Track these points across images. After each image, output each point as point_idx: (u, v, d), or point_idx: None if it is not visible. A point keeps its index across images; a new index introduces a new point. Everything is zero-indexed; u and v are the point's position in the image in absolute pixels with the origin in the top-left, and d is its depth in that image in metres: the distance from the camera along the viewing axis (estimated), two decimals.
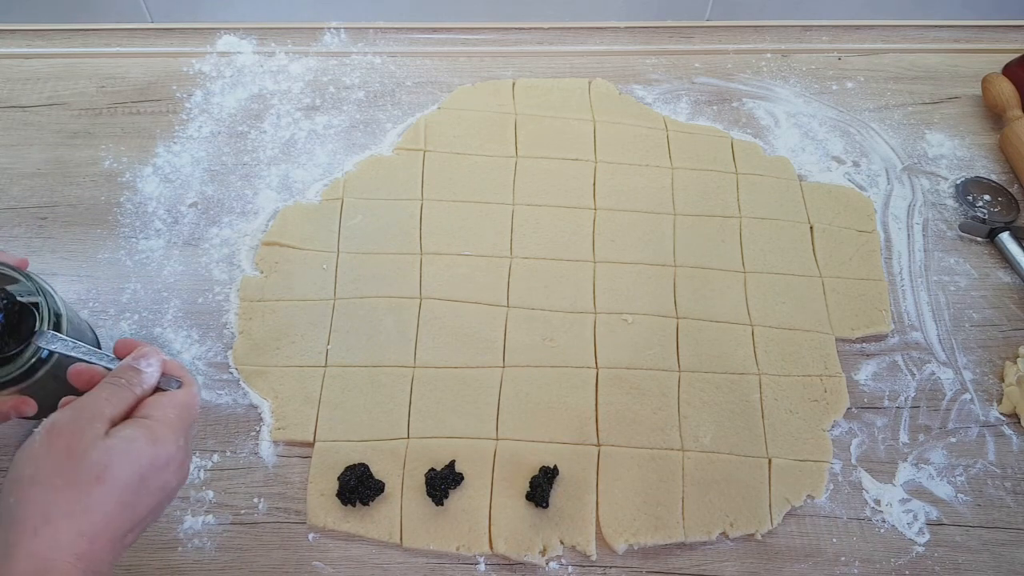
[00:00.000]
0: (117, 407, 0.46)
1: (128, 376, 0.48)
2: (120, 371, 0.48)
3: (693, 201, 0.81)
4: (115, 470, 0.43)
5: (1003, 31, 1.01)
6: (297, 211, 0.79)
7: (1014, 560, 0.63)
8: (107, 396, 0.46)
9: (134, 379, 0.48)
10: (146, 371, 0.48)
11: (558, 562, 0.61)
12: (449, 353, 0.70)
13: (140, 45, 0.93)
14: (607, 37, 0.98)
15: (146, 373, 0.48)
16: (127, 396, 0.47)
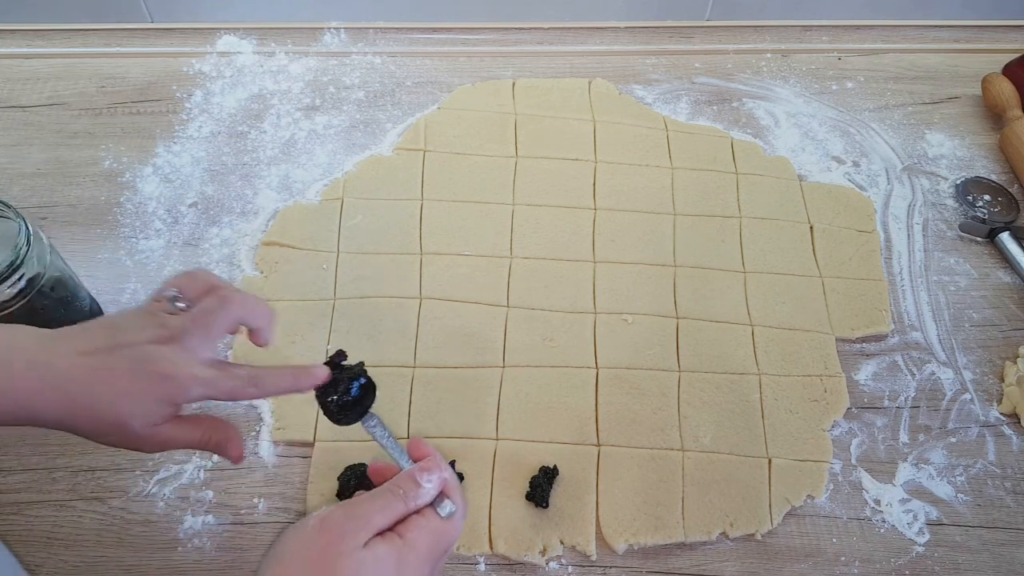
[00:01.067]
0: (386, 519, 0.45)
1: (407, 488, 0.47)
2: (402, 480, 0.47)
3: (693, 201, 0.82)
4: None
5: (1003, 31, 1.01)
6: (297, 211, 0.79)
7: (1014, 560, 0.63)
8: (381, 507, 0.46)
9: (411, 493, 0.47)
10: (425, 486, 0.47)
11: (558, 562, 0.61)
12: (449, 353, 0.70)
13: (140, 45, 0.93)
14: (607, 37, 0.98)
15: (424, 489, 0.47)
16: (398, 509, 0.46)
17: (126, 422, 0.45)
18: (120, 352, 0.45)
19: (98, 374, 0.45)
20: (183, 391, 0.46)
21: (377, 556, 0.43)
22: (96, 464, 0.64)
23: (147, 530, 0.61)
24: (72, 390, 0.44)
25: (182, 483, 0.63)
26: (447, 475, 0.49)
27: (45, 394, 0.44)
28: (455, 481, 0.49)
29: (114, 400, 0.45)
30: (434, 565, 0.46)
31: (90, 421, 0.45)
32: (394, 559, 0.44)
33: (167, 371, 0.45)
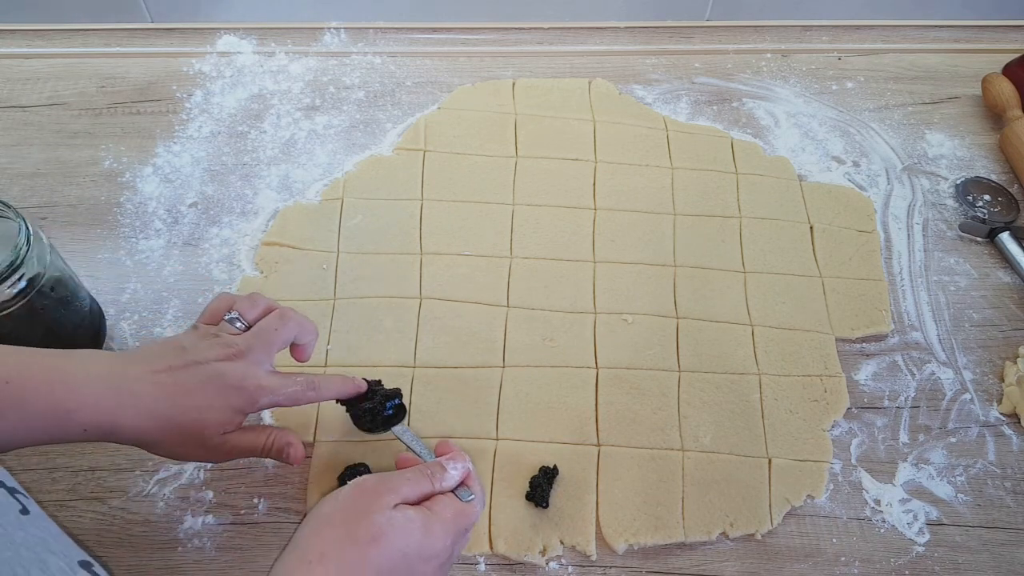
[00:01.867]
0: (413, 491, 0.50)
1: (434, 470, 0.52)
2: (430, 464, 0.53)
3: (693, 201, 0.82)
4: (388, 538, 0.46)
5: (1003, 31, 1.01)
6: (297, 211, 0.79)
7: (1014, 560, 0.63)
8: (409, 478, 0.51)
9: (437, 474, 0.52)
10: (450, 472, 0.53)
11: (558, 562, 0.61)
12: (449, 353, 0.70)
13: (140, 45, 0.93)
14: (607, 37, 0.98)
15: (449, 474, 0.52)
16: (425, 486, 0.51)
17: (203, 432, 0.51)
18: (192, 369, 0.51)
19: (175, 389, 0.50)
20: (253, 400, 0.52)
21: (407, 516, 0.48)
22: (96, 464, 0.64)
23: (147, 530, 0.61)
24: (151, 405, 0.49)
25: (182, 483, 0.63)
26: (471, 467, 0.54)
27: (126, 411, 0.48)
28: (476, 475, 0.55)
29: (192, 412, 0.50)
30: (455, 539, 0.50)
31: (169, 434, 0.50)
32: (420, 522, 0.48)
33: (238, 383, 0.51)
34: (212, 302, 0.57)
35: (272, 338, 0.55)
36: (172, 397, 0.50)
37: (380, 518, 0.47)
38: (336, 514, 0.47)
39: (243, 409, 0.52)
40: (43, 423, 0.47)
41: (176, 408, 0.50)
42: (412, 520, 0.48)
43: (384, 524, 0.46)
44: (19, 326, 0.60)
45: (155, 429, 0.49)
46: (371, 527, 0.46)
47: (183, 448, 0.52)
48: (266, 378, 0.53)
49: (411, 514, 0.48)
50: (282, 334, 0.56)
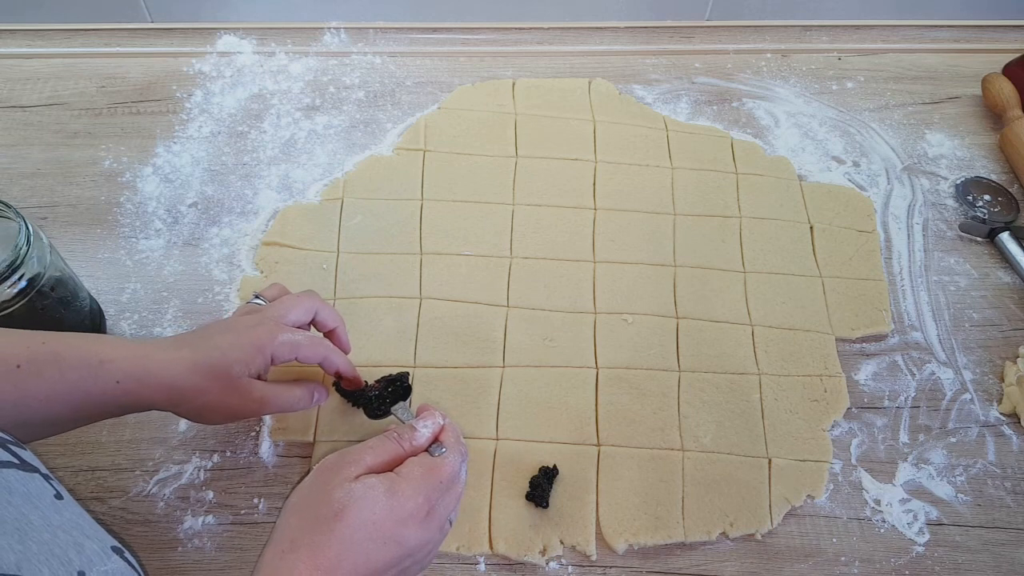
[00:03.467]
0: (378, 457, 0.49)
1: (401, 432, 0.51)
2: (398, 427, 0.52)
3: (693, 201, 0.82)
4: (351, 511, 0.45)
5: (1003, 31, 1.01)
6: (297, 211, 0.79)
7: (1014, 560, 0.63)
8: (372, 445, 0.50)
9: (405, 436, 0.51)
10: (419, 430, 0.52)
11: (558, 562, 0.61)
12: (449, 353, 0.70)
13: (140, 45, 0.93)
14: (607, 37, 0.98)
15: (418, 432, 0.51)
16: (391, 448, 0.50)
17: (229, 369, 0.52)
18: (211, 325, 0.55)
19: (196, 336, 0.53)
20: (271, 335, 0.54)
21: (367, 484, 0.47)
22: (96, 464, 0.64)
23: (147, 530, 0.61)
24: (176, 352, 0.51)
25: (182, 483, 0.63)
26: (444, 421, 0.53)
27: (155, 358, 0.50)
28: (453, 427, 0.53)
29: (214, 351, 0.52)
30: (429, 496, 0.48)
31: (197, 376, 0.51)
32: (384, 486, 0.47)
33: (255, 324, 0.54)
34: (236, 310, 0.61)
35: (290, 303, 0.58)
36: (194, 343, 0.52)
37: (339, 493, 0.46)
38: (301, 500, 0.47)
39: (263, 346, 0.53)
40: (78, 375, 0.48)
41: (199, 351, 0.52)
42: (373, 487, 0.47)
43: (344, 498, 0.46)
44: (19, 326, 0.60)
45: (183, 373, 0.51)
46: (332, 503, 0.45)
47: (216, 395, 0.52)
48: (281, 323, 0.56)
49: (372, 481, 0.47)
50: (301, 302, 0.58)
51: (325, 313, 0.60)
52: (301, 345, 0.55)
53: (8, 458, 0.40)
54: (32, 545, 0.36)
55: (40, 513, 0.38)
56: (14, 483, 0.39)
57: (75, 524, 0.39)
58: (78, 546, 0.38)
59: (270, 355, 0.54)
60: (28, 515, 0.37)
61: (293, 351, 0.55)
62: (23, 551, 0.35)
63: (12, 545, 0.35)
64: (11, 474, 0.39)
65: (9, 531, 0.36)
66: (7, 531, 0.36)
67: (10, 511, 0.37)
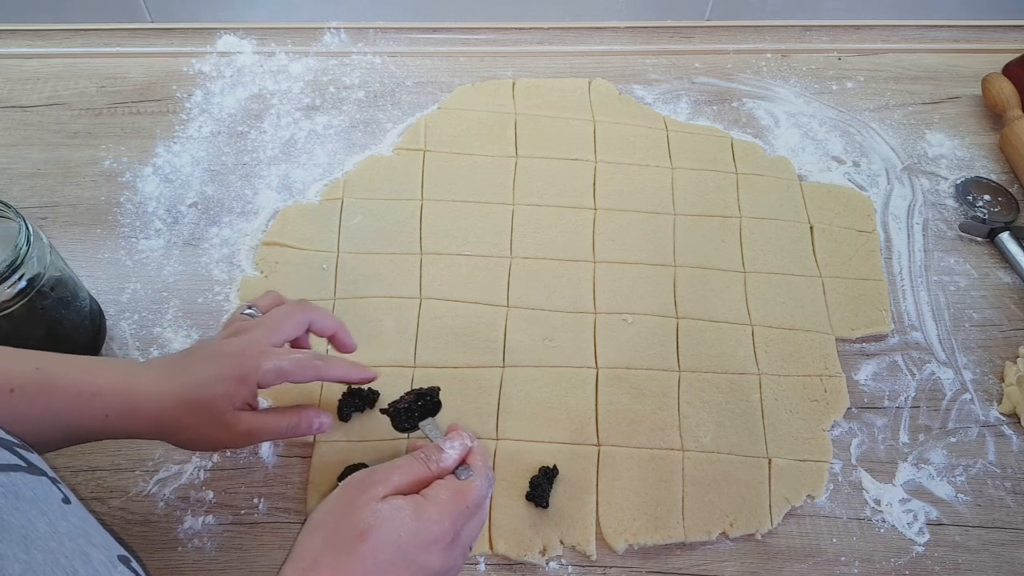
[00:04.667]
0: (405, 478, 0.48)
1: (428, 453, 0.50)
2: (426, 448, 0.51)
3: (693, 201, 0.82)
4: (376, 532, 0.44)
5: (1003, 31, 1.01)
6: (297, 211, 0.79)
7: (1014, 560, 0.63)
8: (399, 465, 0.49)
9: (432, 457, 0.50)
10: (447, 452, 0.51)
11: (558, 562, 0.61)
12: (449, 353, 0.70)
13: (140, 45, 0.93)
14: (607, 37, 0.98)
15: (446, 454, 0.51)
16: (418, 470, 0.49)
17: (213, 405, 0.51)
18: (197, 350, 0.54)
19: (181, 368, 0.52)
20: (255, 365, 0.52)
21: (394, 505, 0.46)
22: (96, 464, 0.64)
23: (147, 530, 0.61)
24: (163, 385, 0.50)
25: (182, 483, 0.63)
26: (472, 444, 0.52)
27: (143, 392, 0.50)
28: (482, 451, 0.52)
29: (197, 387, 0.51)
30: (455, 521, 0.47)
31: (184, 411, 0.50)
32: (411, 508, 0.46)
33: (239, 351, 0.52)
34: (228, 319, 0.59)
35: (279, 319, 0.56)
36: (178, 376, 0.51)
37: (365, 513, 0.45)
38: (325, 517, 0.47)
39: (246, 377, 0.52)
40: (68, 406, 0.48)
41: (183, 385, 0.51)
42: (401, 509, 0.46)
43: (370, 518, 0.45)
44: (19, 326, 0.60)
45: (168, 408, 0.50)
46: (358, 523, 0.45)
47: (201, 429, 0.52)
48: (268, 347, 0.53)
49: (399, 503, 0.46)
50: (292, 316, 0.56)
51: (321, 322, 0.59)
52: (288, 371, 0.53)
53: (16, 461, 0.40)
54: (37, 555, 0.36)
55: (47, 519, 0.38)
56: (22, 488, 0.38)
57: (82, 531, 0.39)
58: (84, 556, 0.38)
59: (255, 384, 0.52)
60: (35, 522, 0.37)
61: (280, 377, 0.53)
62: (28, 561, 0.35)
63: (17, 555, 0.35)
64: (19, 478, 0.39)
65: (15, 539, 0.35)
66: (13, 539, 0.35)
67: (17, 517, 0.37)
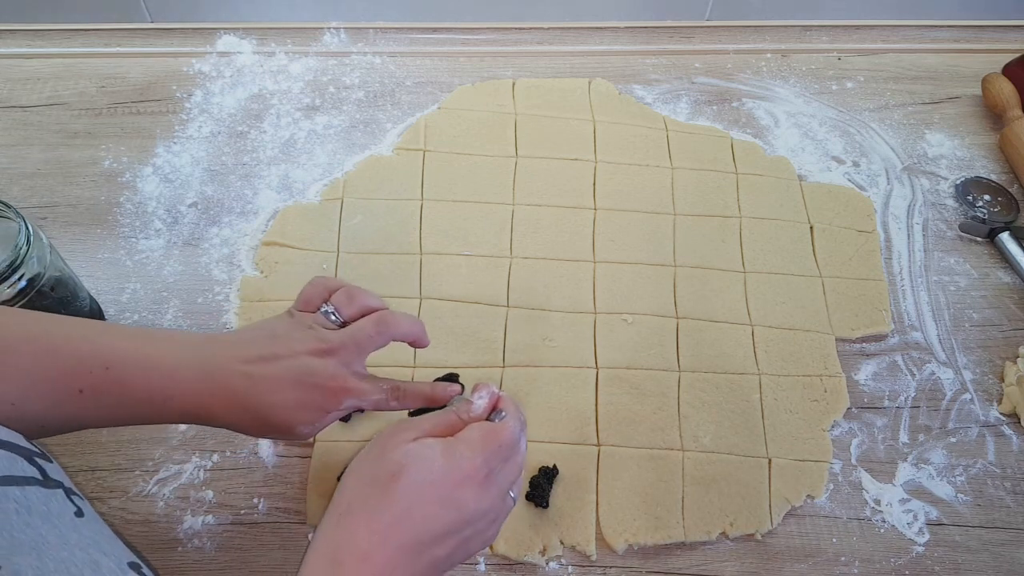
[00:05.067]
0: (436, 425, 0.48)
1: (458, 404, 0.51)
2: (455, 402, 0.52)
3: (693, 201, 0.82)
4: (408, 472, 0.44)
5: (1003, 31, 1.01)
6: (297, 211, 0.79)
7: (1014, 560, 0.63)
8: (431, 416, 0.49)
9: (462, 408, 0.50)
10: (475, 402, 0.50)
11: (558, 562, 0.61)
12: (449, 353, 0.70)
13: (140, 45, 0.93)
14: (607, 37, 0.98)
15: (475, 404, 0.50)
16: (449, 419, 0.49)
17: (292, 427, 0.50)
18: (282, 362, 0.50)
19: (264, 385, 0.49)
20: (337, 401, 0.51)
21: (424, 444, 0.46)
22: (96, 464, 0.64)
23: (147, 530, 0.61)
24: (242, 400, 0.49)
25: (182, 483, 0.63)
26: (499, 392, 0.51)
27: (219, 402, 0.48)
28: (510, 398, 0.52)
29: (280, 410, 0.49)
30: (488, 458, 0.47)
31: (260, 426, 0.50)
32: (441, 447, 0.46)
33: (323, 383, 0.50)
34: (307, 288, 0.55)
35: (365, 344, 0.53)
36: (261, 395, 0.49)
37: (396, 454, 0.45)
38: (359, 464, 0.47)
39: (328, 409, 0.51)
40: (141, 409, 0.48)
41: (264, 405, 0.49)
42: (431, 447, 0.46)
43: (401, 458, 0.45)
44: None
45: (246, 420, 0.50)
46: (389, 464, 0.45)
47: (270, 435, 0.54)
48: (352, 381, 0.52)
49: (430, 442, 0.46)
50: (376, 341, 0.54)
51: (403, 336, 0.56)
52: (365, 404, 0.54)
53: (32, 473, 0.40)
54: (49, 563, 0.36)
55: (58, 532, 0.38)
56: (34, 503, 0.39)
57: (93, 541, 0.39)
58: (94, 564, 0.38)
59: (332, 415, 0.52)
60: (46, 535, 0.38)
61: (357, 406, 0.54)
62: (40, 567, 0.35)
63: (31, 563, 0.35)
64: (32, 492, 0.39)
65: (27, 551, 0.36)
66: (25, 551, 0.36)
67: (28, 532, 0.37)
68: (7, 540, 0.36)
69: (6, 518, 0.37)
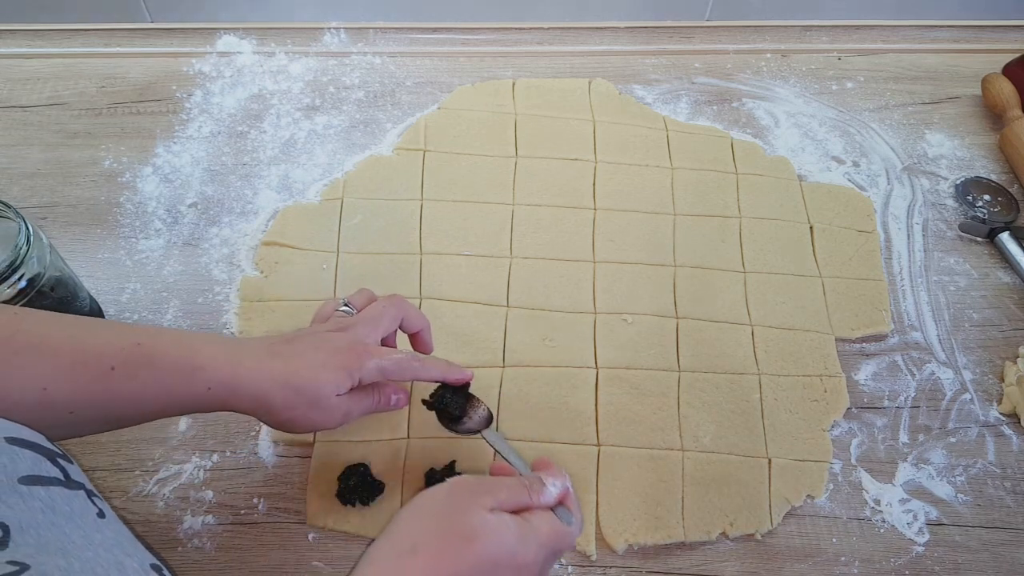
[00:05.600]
0: (510, 499, 0.49)
1: (533, 483, 0.51)
2: (529, 478, 0.52)
3: (693, 201, 0.82)
4: (483, 540, 0.45)
5: (1003, 31, 1.01)
6: (297, 211, 0.79)
7: (1014, 560, 0.63)
8: (508, 486, 0.50)
9: (535, 488, 0.51)
10: (549, 488, 0.51)
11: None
12: (449, 353, 0.70)
13: (140, 45, 0.93)
14: (607, 37, 0.98)
15: (548, 490, 0.51)
16: (522, 497, 0.50)
17: (318, 391, 0.52)
18: (301, 338, 0.54)
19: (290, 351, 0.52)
20: (360, 361, 0.53)
21: (503, 520, 0.47)
22: (96, 464, 0.64)
23: (147, 530, 0.61)
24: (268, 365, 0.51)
25: (182, 483, 0.63)
26: (570, 486, 0.52)
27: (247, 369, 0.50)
28: (576, 499, 0.53)
29: (306, 371, 0.51)
30: (548, 557, 0.49)
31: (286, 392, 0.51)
32: (516, 529, 0.47)
33: (347, 346, 0.54)
34: (319, 308, 0.60)
35: (379, 317, 0.57)
36: (287, 358, 0.52)
37: (476, 519, 0.46)
38: (433, 508, 0.47)
39: (352, 370, 0.53)
40: (171, 380, 0.48)
41: (290, 368, 0.51)
42: (508, 526, 0.47)
43: (479, 525, 0.46)
44: None
45: (273, 388, 0.50)
46: (466, 526, 0.45)
47: (301, 410, 0.52)
48: (371, 344, 0.56)
49: (507, 519, 0.47)
50: (389, 313, 0.58)
51: (411, 319, 0.60)
52: (389, 370, 0.55)
53: (56, 473, 0.41)
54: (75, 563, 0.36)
55: (82, 533, 0.39)
56: (59, 502, 0.39)
57: (116, 542, 0.40)
58: (119, 565, 0.38)
59: (358, 379, 0.54)
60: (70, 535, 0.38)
61: (380, 375, 0.55)
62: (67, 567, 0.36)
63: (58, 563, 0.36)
64: (56, 492, 0.39)
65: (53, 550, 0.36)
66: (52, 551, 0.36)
67: (54, 532, 0.37)
68: (34, 538, 0.36)
69: (32, 517, 0.37)
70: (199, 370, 0.48)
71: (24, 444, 0.40)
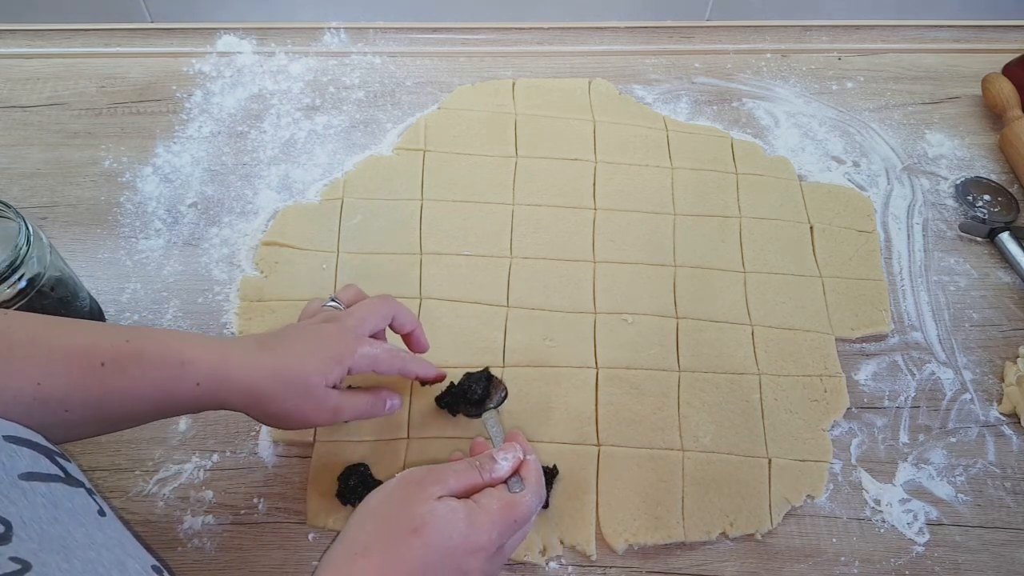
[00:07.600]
0: (460, 482, 0.50)
1: (483, 462, 0.52)
2: (480, 456, 0.53)
3: (693, 201, 0.82)
4: (429, 530, 0.46)
5: (1003, 31, 1.01)
6: (297, 211, 0.79)
7: (1014, 560, 0.63)
8: (457, 470, 0.50)
9: (486, 466, 0.51)
10: (500, 463, 0.52)
11: (558, 562, 0.61)
12: (449, 353, 0.70)
13: (140, 45, 0.93)
14: (607, 37, 0.98)
15: (499, 465, 0.52)
16: (472, 477, 0.50)
17: (307, 380, 0.52)
18: (289, 331, 0.55)
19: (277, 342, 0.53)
20: (351, 348, 0.54)
21: (450, 506, 0.47)
22: (96, 464, 0.64)
23: (147, 530, 0.61)
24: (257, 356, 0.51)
25: (182, 483, 0.63)
26: (526, 456, 0.53)
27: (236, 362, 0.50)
28: (535, 465, 0.53)
29: (294, 359, 0.52)
30: (502, 532, 0.49)
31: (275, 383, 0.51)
32: (464, 513, 0.47)
33: (335, 335, 0.54)
34: (306, 306, 0.61)
35: (367, 312, 0.58)
36: (275, 351, 0.52)
37: (423, 509, 0.46)
38: (381, 506, 0.48)
39: (341, 359, 0.53)
40: (160, 375, 0.48)
41: (279, 359, 0.51)
42: (455, 511, 0.47)
43: (427, 515, 0.46)
44: None
45: (262, 379, 0.51)
46: (414, 519, 0.46)
47: (292, 402, 0.52)
48: (361, 334, 0.56)
49: (454, 504, 0.47)
50: (379, 308, 0.59)
51: (402, 317, 0.61)
52: (379, 359, 0.56)
53: (55, 471, 0.40)
54: (77, 563, 0.36)
55: (84, 530, 0.38)
56: (60, 498, 0.39)
57: (118, 542, 0.40)
58: (121, 565, 0.38)
59: (348, 367, 0.54)
60: (73, 532, 0.38)
61: (371, 364, 0.55)
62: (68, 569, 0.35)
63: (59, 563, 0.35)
64: (58, 488, 0.39)
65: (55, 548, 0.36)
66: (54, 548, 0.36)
67: (56, 527, 0.37)
68: (37, 532, 0.36)
69: (34, 512, 0.37)
70: (188, 364, 0.48)
71: (22, 442, 0.40)
